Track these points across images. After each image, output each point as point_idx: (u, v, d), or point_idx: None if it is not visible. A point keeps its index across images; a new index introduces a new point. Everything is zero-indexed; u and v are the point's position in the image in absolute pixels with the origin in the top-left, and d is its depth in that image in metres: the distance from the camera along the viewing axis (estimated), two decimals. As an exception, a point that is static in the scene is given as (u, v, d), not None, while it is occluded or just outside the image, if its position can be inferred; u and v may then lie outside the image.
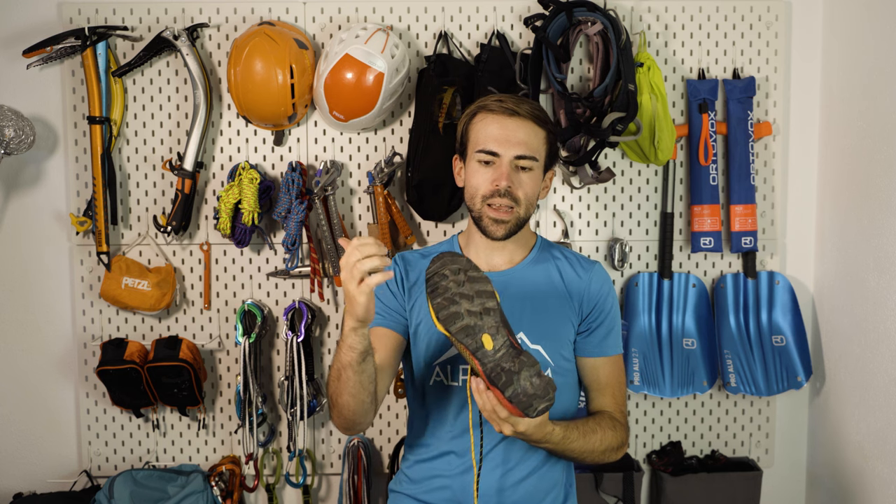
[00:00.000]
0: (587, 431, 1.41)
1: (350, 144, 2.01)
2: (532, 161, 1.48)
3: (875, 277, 1.79)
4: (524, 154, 1.47)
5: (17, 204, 2.01)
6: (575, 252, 1.63)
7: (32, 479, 2.07)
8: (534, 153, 1.48)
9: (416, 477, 1.55)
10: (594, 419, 1.47)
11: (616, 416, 1.51)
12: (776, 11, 2.01)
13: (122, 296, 1.93)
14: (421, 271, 1.55)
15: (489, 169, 1.48)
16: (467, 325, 1.23)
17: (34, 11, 1.95)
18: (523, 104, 1.48)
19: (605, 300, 1.54)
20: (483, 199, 1.48)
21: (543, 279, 1.55)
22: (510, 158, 1.47)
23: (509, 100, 1.49)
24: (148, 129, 1.99)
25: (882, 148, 1.77)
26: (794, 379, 1.99)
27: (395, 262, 1.59)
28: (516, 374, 1.20)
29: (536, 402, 1.19)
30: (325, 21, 1.97)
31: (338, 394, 1.36)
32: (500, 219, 1.48)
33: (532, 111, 1.48)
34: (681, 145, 2.02)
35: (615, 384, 1.55)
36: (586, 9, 1.82)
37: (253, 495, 2.11)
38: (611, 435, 1.45)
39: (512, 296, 1.50)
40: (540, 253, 1.59)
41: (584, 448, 1.41)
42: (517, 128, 1.47)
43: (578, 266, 1.57)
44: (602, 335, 1.54)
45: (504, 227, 1.49)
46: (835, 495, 1.99)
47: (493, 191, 1.47)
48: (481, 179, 1.49)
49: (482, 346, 1.22)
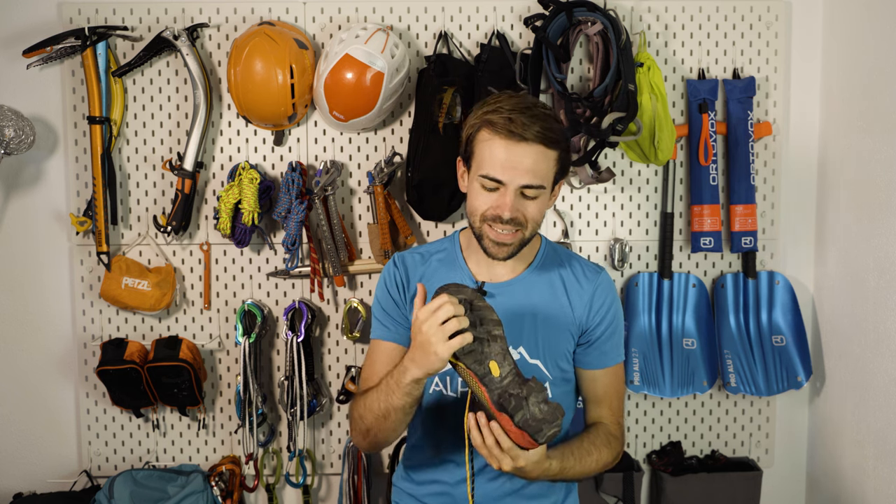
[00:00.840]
0: (583, 455, 1.40)
1: (350, 144, 2.01)
2: (540, 190, 1.37)
3: (875, 277, 1.79)
4: (531, 184, 1.35)
5: (17, 204, 2.01)
6: (580, 258, 1.57)
7: (32, 479, 2.07)
8: (542, 181, 1.36)
9: (418, 479, 1.55)
10: (589, 439, 1.44)
11: (611, 430, 1.49)
12: (776, 11, 2.01)
13: (122, 296, 1.93)
14: (422, 275, 1.53)
15: (493, 194, 1.37)
16: (474, 351, 1.22)
17: (34, 11, 1.95)
18: (533, 126, 1.33)
19: (608, 312, 1.50)
20: (483, 219, 1.40)
21: (546, 290, 1.50)
22: (515, 187, 1.35)
23: (519, 119, 1.33)
24: (148, 129, 1.99)
25: (882, 148, 1.77)
26: (794, 379, 1.99)
27: (395, 264, 1.55)
28: (525, 399, 1.19)
29: (546, 427, 1.18)
30: (325, 21, 1.97)
31: (378, 429, 1.37)
32: (502, 242, 1.39)
33: (542, 133, 1.34)
34: (681, 145, 2.02)
35: (613, 395, 1.53)
36: (586, 9, 1.82)
37: (253, 495, 2.11)
38: (606, 452, 1.44)
39: (513, 308, 1.47)
40: (544, 260, 1.53)
41: (581, 471, 1.40)
42: (525, 154, 1.34)
43: (582, 276, 1.51)
44: (602, 347, 1.50)
45: (506, 250, 1.40)
46: (835, 495, 1.99)
47: (495, 216, 1.37)
48: (482, 202, 1.39)
49: (489, 372, 1.22)
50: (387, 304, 1.52)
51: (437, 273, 1.53)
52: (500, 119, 1.34)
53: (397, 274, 1.53)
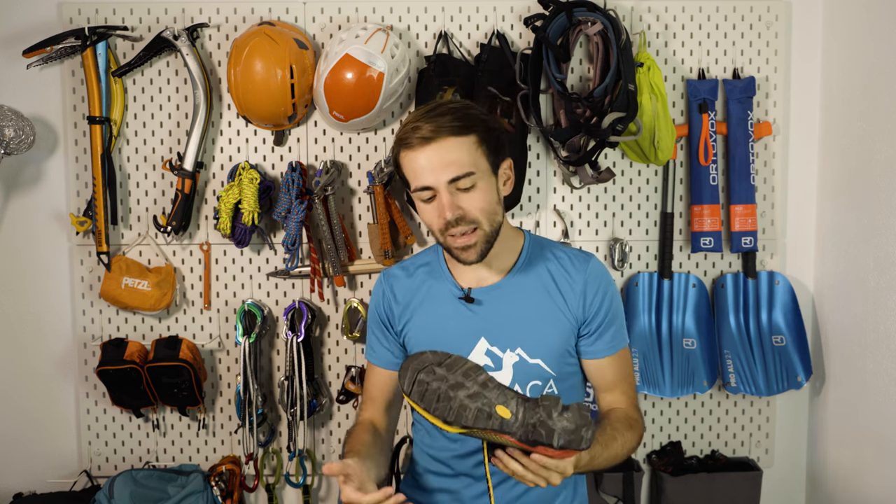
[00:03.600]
0: (608, 441, 1.36)
1: (350, 144, 2.01)
2: (470, 177, 1.36)
3: (875, 277, 1.79)
4: (457, 175, 1.35)
5: (17, 204, 2.01)
6: (566, 248, 1.54)
7: (32, 479, 2.07)
8: (468, 168, 1.36)
9: (427, 486, 1.55)
10: (611, 424, 1.41)
11: (630, 413, 1.46)
12: (776, 11, 2.01)
13: (122, 296, 1.93)
14: (408, 289, 1.54)
15: (433, 205, 1.39)
16: (479, 409, 1.17)
17: (34, 11, 1.95)
18: (439, 119, 1.35)
19: (604, 299, 1.47)
20: (441, 233, 1.40)
21: (536, 286, 1.48)
22: (444, 185, 1.36)
23: (425, 124, 1.35)
24: (148, 129, 1.99)
25: (882, 148, 1.77)
26: (794, 379, 1.99)
27: (382, 280, 1.59)
28: (548, 420, 1.16)
29: (584, 431, 1.16)
30: (325, 21, 1.97)
31: None
32: (465, 245, 1.39)
33: (449, 124, 1.35)
34: (681, 145, 2.02)
35: (623, 379, 1.50)
36: (586, 9, 1.82)
37: (253, 495, 2.11)
38: (630, 436, 1.41)
39: (505, 310, 1.46)
40: (529, 257, 1.51)
41: (609, 458, 1.36)
42: (440, 151, 1.35)
43: (571, 267, 1.49)
44: (604, 335, 1.48)
45: (474, 252, 1.40)
46: (835, 495, 1.99)
47: (444, 224, 1.38)
48: (430, 216, 1.40)
49: (501, 419, 1.17)
50: (374, 323, 1.58)
51: (423, 285, 1.54)
52: (407, 133, 1.38)
53: (385, 290, 1.57)
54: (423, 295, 1.53)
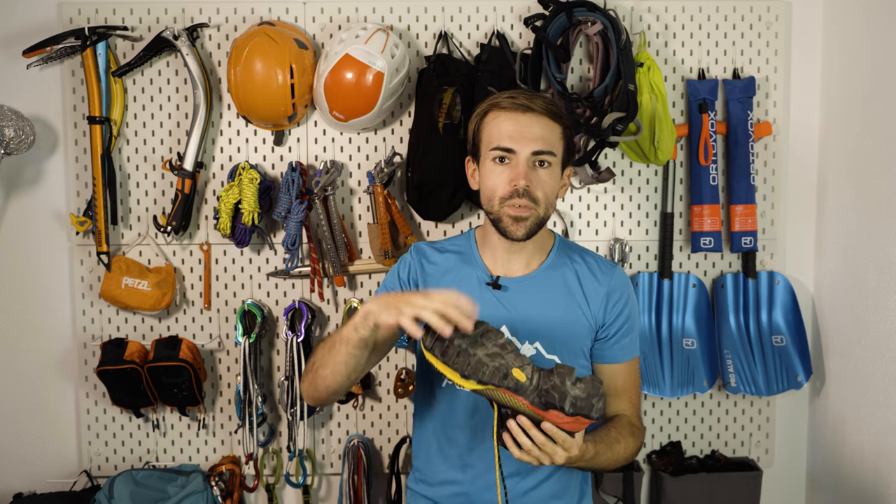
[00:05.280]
0: (612, 443, 1.40)
1: (350, 144, 2.01)
2: (550, 156, 1.42)
3: (875, 277, 1.79)
4: (542, 149, 1.41)
5: (17, 204, 2.01)
6: (594, 254, 1.58)
7: (32, 479, 2.07)
8: (552, 148, 1.42)
9: (433, 480, 1.55)
10: (615, 428, 1.44)
11: (633, 421, 1.50)
12: (776, 11, 2.01)
13: (122, 296, 1.93)
14: (436, 265, 1.55)
15: (506, 168, 1.42)
16: (496, 368, 1.20)
17: (34, 11, 1.95)
18: (537, 99, 1.43)
19: (625, 307, 1.51)
20: (501, 201, 1.43)
21: (561, 285, 1.51)
22: (527, 155, 1.40)
23: (521, 95, 1.43)
24: (148, 129, 1.99)
25: (882, 148, 1.77)
26: (794, 379, 1.99)
27: (411, 253, 1.59)
28: (562, 385, 1.18)
29: (595, 400, 1.18)
30: (325, 21, 1.97)
31: (322, 364, 1.37)
32: (519, 216, 1.42)
33: (546, 106, 1.43)
34: (681, 145, 2.02)
35: (632, 388, 1.54)
36: (586, 9, 1.82)
37: (253, 495, 2.11)
38: (631, 442, 1.44)
39: (529, 303, 1.48)
40: (558, 256, 1.54)
41: (610, 459, 1.39)
42: (532, 123, 1.41)
43: (598, 271, 1.53)
44: (621, 342, 1.51)
45: (524, 226, 1.43)
46: (835, 495, 1.99)
47: (511, 192, 1.41)
48: (498, 180, 1.43)
49: (517, 381, 1.19)
50: (393, 287, 1.56)
51: (452, 269, 1.54)
52: (504, 98, 1.44)
53: (412, 260, 1.57)
54: (451, 278, 1.53)
